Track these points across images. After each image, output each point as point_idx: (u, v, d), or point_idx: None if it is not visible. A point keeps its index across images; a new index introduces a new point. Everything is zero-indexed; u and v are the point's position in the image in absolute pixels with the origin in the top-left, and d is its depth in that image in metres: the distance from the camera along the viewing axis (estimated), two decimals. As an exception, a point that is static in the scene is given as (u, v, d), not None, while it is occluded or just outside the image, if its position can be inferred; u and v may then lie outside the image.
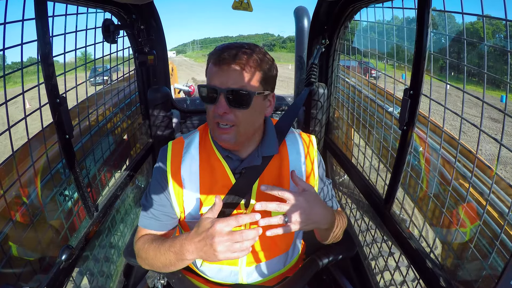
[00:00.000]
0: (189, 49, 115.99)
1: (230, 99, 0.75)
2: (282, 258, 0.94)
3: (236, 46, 0.78)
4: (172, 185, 0.86)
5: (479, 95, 0.77)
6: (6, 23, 0.76)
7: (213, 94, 0.76)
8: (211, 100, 0.77)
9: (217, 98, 0.75)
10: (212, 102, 0.76)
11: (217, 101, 0.76)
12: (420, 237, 1.00)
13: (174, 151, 0.89)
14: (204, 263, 0.93)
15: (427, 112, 0.98)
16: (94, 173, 1.33)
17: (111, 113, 1.53)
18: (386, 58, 1.30)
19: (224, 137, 0.79)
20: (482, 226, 0.82)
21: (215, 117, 0.77)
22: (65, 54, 1.07)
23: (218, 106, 0.75)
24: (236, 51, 0.75)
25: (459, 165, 1.21)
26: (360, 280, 1.39)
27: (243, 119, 0.78)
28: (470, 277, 0.88)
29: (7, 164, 0.99)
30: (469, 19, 0.94)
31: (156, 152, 1.88)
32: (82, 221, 1.17)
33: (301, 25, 1.87)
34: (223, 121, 0.77)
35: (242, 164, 0.86)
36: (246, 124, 0.79)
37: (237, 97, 0.75)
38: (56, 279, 0.90)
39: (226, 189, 0.84)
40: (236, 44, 0.79)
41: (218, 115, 0.76)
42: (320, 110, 1.77)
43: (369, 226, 1.49)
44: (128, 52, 1.63)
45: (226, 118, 0.76)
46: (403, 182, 1.12)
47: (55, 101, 0.94)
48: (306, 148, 0.93)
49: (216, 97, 0.76)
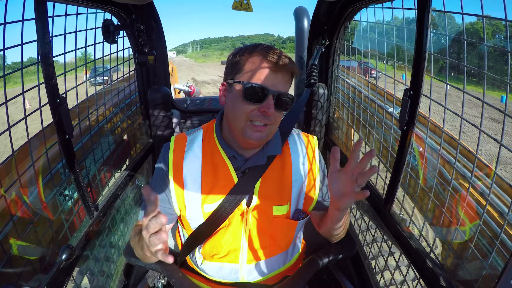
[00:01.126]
0: (189, 49, 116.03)
1: (277, 101, 0.78)
2: (282, 257, 0.94)
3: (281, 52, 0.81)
4: (173, 182, 0.87)
5: (479, 95, 0.77)
6: (6, 23, 0.76)
7: (263, 95, 0.77)
8: (258, 99, 0.77)
9: (265, 98, 0.77)
10: (258, 102, 0.78)
11: (264, 101, 0.77)
12: (420, 237, 1.01)
13: (176, 147, 0.89)
14: (204, 261, 0.93)
15: (427, 112, 0.98)
16: (94, 173, 1.33)
17: (111, 113, 1.53)
18: (386, 59, 1.30)
19: (257, 135, 0.80)
20: (482, 226, 0.83)
21: (254, 116, 0.78)
22: (65, 54, 1.07)
23: (265, 106, 0.77)
24: (288, 57, 0.80)
25: (459, 165, 1.21)
26: (360, 279, 1.39)
27: (278, 120, 0.83)
28: (470, 276, 0.88)
29: (7, 164, 0.99)
30: (469, 20, 0.94)
31: (156, 152, 1.89)
32: (82, 220, 1.17)
33: (301, 25, 1.88)
34: (263, 121, 0.79)
35: (246, 163, 0.86)
36: (277, 124, 0.84)
37: (284, 101, 0.79)
38: (57, 278, 0.90)
39: (228, 187, 0.85)
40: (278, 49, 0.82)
41: (261, 114, 0.78)
42: (320, 110, 1.77)
43: (369, 226, 1.49)
44: (128, 52, 1.63)
45: (268, 118, 0.79)
46: (403, 182, 1.12)
47: (55, 101, 0.94)
48: (307, 148, 0.94)
49: (265, 98, 0.77)
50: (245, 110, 0.78)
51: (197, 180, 0.86)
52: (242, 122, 0.79)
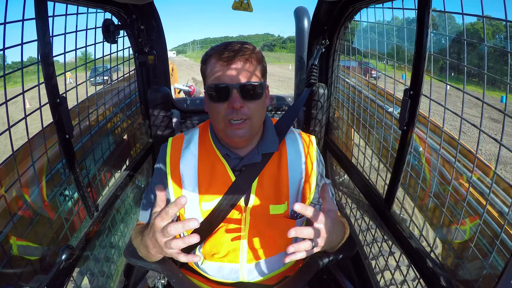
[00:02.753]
0: (189, 49, 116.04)
1: (243, 93, 0.77)
2: (282, 256, 0.94)
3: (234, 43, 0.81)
4: (171, 181, 0.87)
5: (479, 95, 0.77)
6: (6, 23, 0.76)
7: (225, 91, 0.77)
8: (223, 98, 0.77)
9: (230, 94, 0.77)
10: (224, 100, 0.77)
11: (230, 97, 0.77)
12: (420, 237, 1.01)
13: (173, 147, 0.90)
14: (204, 261, 0.93)
15: (427, 112, 0.98)
16: (94, 173, 1.33)
17: (111, 113, 1.53)
18: (386, 59, 1.30)
19: (239, 132, 0.80)
20: (482, 226, 0.83)
21: (228, 114, 0.78)
22: (65, 54, 1.07)
23: (232, 101, 0.76)
24: (239, 47, 0.78)
25: (459, 165, 1.21)
26: (361, 279, 1.39)
27: (256, 110, 0.80)
28: (471, 276, 0.88)
29: (7, 164, 0.99)
30: (469, 20, 0.95)
31: (156, 152, 1.88)
32: (82, 221, 1.17)
33: (301, 25, 1.88)
34: (237, 116, 0.78)
35: (241, 161, 0.87)
36: (258, 115, 0.82)
37: (250, 89, 0.77)
38: (57, 279, 0.90)
39: (226, 186, 0.85)
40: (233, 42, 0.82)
41: (233, 110, 0.77)
42: (320, 110, 1.77)
43: (369, 226, 1.49)
44: (128, 52, 1.63)
45: (241, 112, 0.78)
46: (403, 182, 1.12)
47: (55, 101, 0.94)
48: (306, 147, 0.93)
49: (228, 94, 0.77)
50: (218, 111, 0.79)
51: (194, 178, 0.86)
52: (221, 124, 0.81)
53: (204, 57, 0.83)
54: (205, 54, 0.84)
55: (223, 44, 0.81)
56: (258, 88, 0.79)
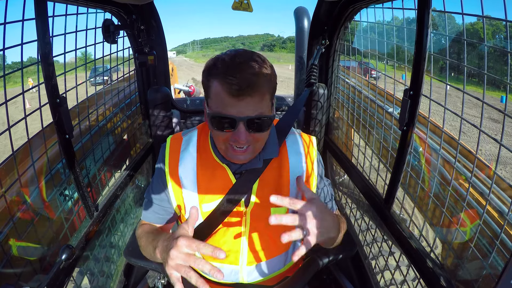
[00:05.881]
0: (189, 49, 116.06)
1: (250, 126, 0.71)
2: (282, 258, 0.94)
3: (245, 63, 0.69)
4: (170, 181, 0.87)
5: (479, 95, 0.77)
6: (6, 23, 0.76)
7: (231, 123, 0.71)
8: (227, 128, 0.72)
9: (236, 127, 0.71)
10: (230, 129, 0.72)
11: (235, 129, 0.71)
12: (420, 237, 1.01)
13: (172, 148, 0.90)
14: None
15: (427, 112, 0.98)
16: (94, 173, 1.33)
17: (111, 113, 1.53)
18: (386, 59, 1.30)
19: (241, 157, 0.78)
20: (482, 226, 0.83)
21: (231, 141, 0.74)
22: (65, 54, 1.07)
23: (237, 133, 0.71)
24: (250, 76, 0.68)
25: (459, 165, 1.21)
26: (361, 279, 1.39)
27: (262, 139, 0.77)
28: (471, 276, 0.88)
29: (7, 164, 0.99)
30: (469, 20, 0.95)
31: (156, 152, 1.89)
32: (82, 221, 1.17)
33: (301, 25, 1.88)
34: (241, 145, 0.74)
35: (242, 166, 0.86)
36: (263, 141, 0.80)
37: (258, 123, 0.72)
38: (57, 279, 0.90)
39: (226, 187, 0.85)
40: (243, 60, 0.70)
41: (236, 140, 0.73)
42: (320, 111, 1.77)
43: (369, 226, 1.49)
44: (128, 52, 1.63)
45: (246, 141, 0.73)
46: (403, 182, 1.12)
47: (55, 101, 0.94)
48: (306, 148, 0.93)
49: (234, 126, 0.71)
50: (221, 137, 0.75)
51: (193, 180, 0.86)
52: (223, 146, 0.77)
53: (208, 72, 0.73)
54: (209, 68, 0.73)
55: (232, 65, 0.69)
56: (267, 121, 0.73)
